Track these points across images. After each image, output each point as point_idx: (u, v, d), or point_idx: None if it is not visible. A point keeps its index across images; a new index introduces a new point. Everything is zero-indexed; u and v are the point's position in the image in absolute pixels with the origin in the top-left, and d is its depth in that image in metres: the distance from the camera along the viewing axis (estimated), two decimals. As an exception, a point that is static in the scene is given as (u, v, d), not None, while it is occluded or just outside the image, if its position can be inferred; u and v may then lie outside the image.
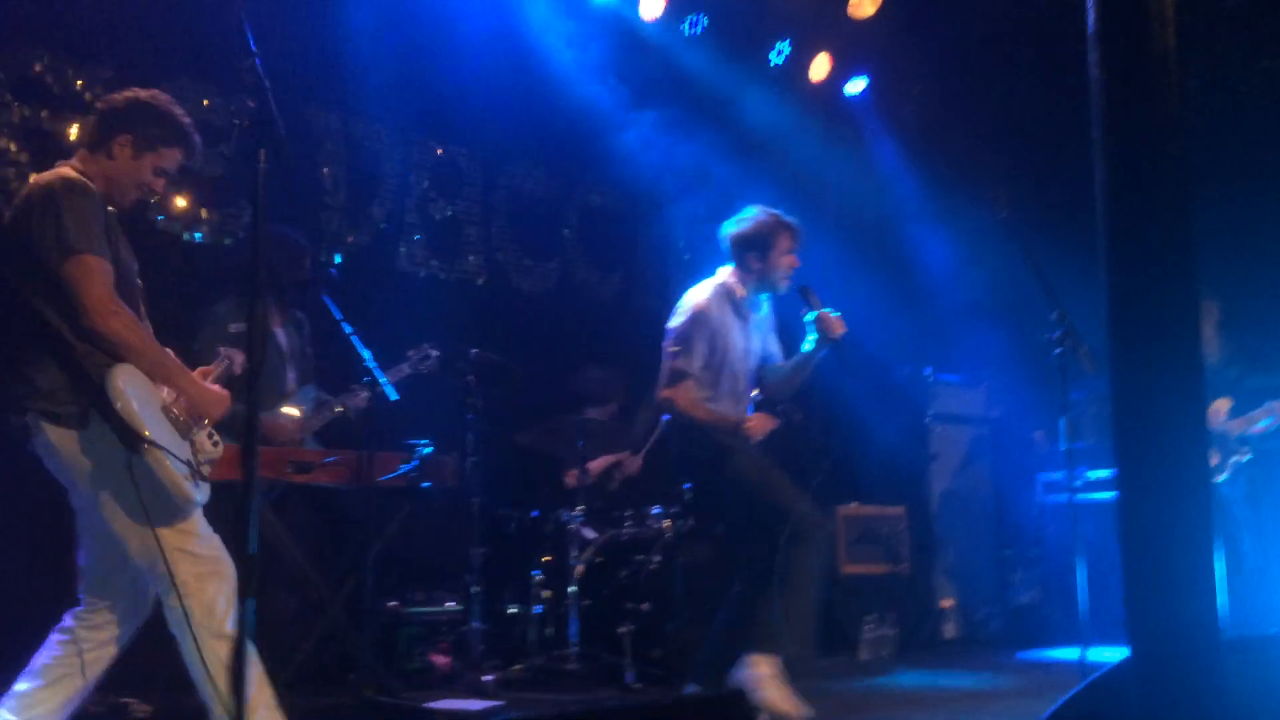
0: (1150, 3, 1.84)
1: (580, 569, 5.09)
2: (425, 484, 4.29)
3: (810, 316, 4.32)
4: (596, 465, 5.84)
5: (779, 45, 7.21)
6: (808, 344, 4.38)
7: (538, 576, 5.22)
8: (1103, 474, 6.02)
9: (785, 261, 4.43)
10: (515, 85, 6.37)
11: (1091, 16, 1.81)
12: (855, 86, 7.56)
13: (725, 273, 4.55)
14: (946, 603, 6.75)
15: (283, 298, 4.58)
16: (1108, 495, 5.74)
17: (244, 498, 1.83)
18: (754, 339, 4.53)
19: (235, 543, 1.86)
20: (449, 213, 6.31)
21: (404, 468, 4.22)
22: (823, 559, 4.19)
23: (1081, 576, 3.80)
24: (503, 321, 6.12)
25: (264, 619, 4.10)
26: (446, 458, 4.40)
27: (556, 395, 5.88)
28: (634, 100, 6.76)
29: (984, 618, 6.78)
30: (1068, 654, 5.07)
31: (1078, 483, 6.17)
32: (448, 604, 5.18)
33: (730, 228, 4.51)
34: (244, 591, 1.81)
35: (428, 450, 4.26)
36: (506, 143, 6.54)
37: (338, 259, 5.49)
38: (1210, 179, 6.17)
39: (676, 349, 4.37)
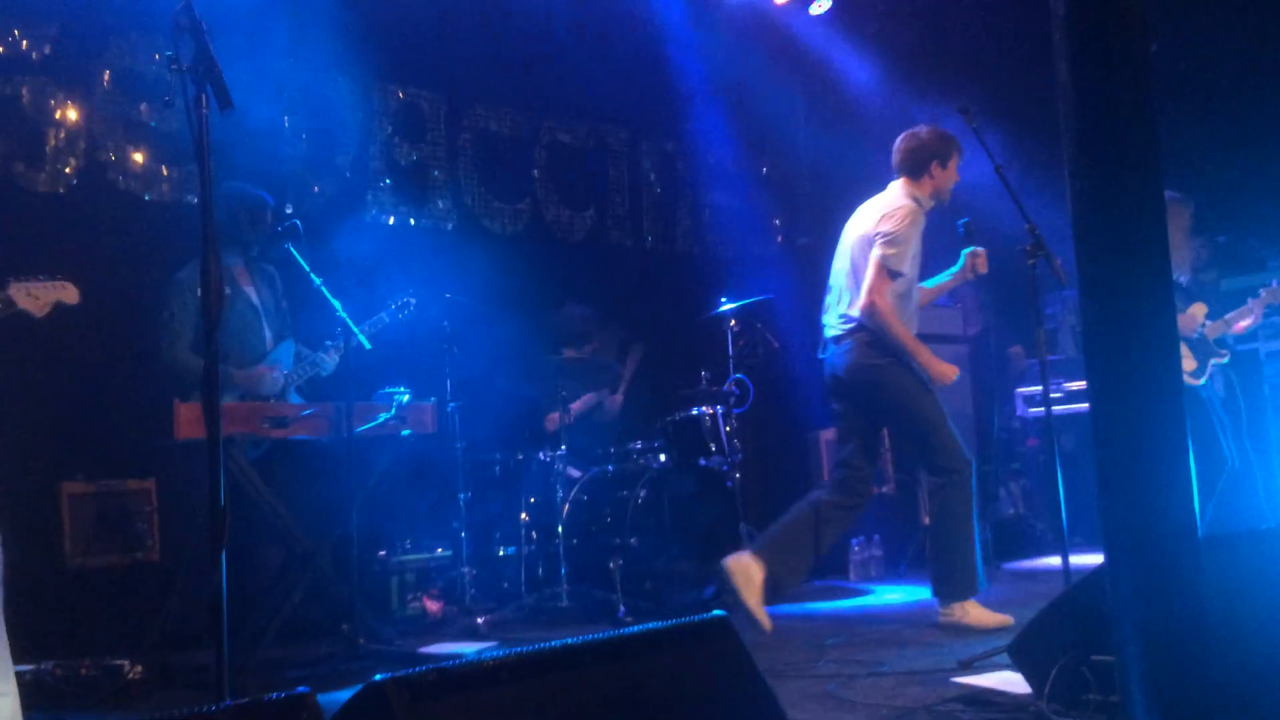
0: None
1: (567, 508, 5.11)
2: (405, 432, 4.28)
3: (967, 250, 4.50)
4: (577, 405, 5.85)
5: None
6: (951, 274, 4.62)
7: (525, 518, 5.25)
8: (1080, 385, 6.05)
9: (955, 177, 4.56)
10: (475, 24, 6.25)
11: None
12: (820, 7, 7.45)
13: (905, 185, 4.54)
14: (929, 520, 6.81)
15: (249, 254, 4.53)
16: (1085, 406, 5.77)
17: (211, 451, 1.81)
18: None
19: (207, 497, 1.85)
20: (414, 158, 6.23)
21: (383, 417, 4.20)
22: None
23: (1061, 486, 3.83)
24: (475, 265, 6.07)
25: (252, 574, 4.15)
26: (425, 404, 4.39)
27: (534, 336, 5.86)
28: (599, 35, 6.66)
29: (969, 533, 6.85)
30: (1052, 563, 5.15)
31: (1055, 395, 6.23)
32: (437, 550, 5.21)
33: (912, 139, 4.55)
34: (217, 544, 1.80)
35: (405, 398, 4.24)
36: (469, 83, 6.43)
37: (289, 209, 5.38)
38: (1176, 79, 6.13)
39: (892, 251, 4.33)
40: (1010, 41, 6.91)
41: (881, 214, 4.43)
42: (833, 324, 4.54)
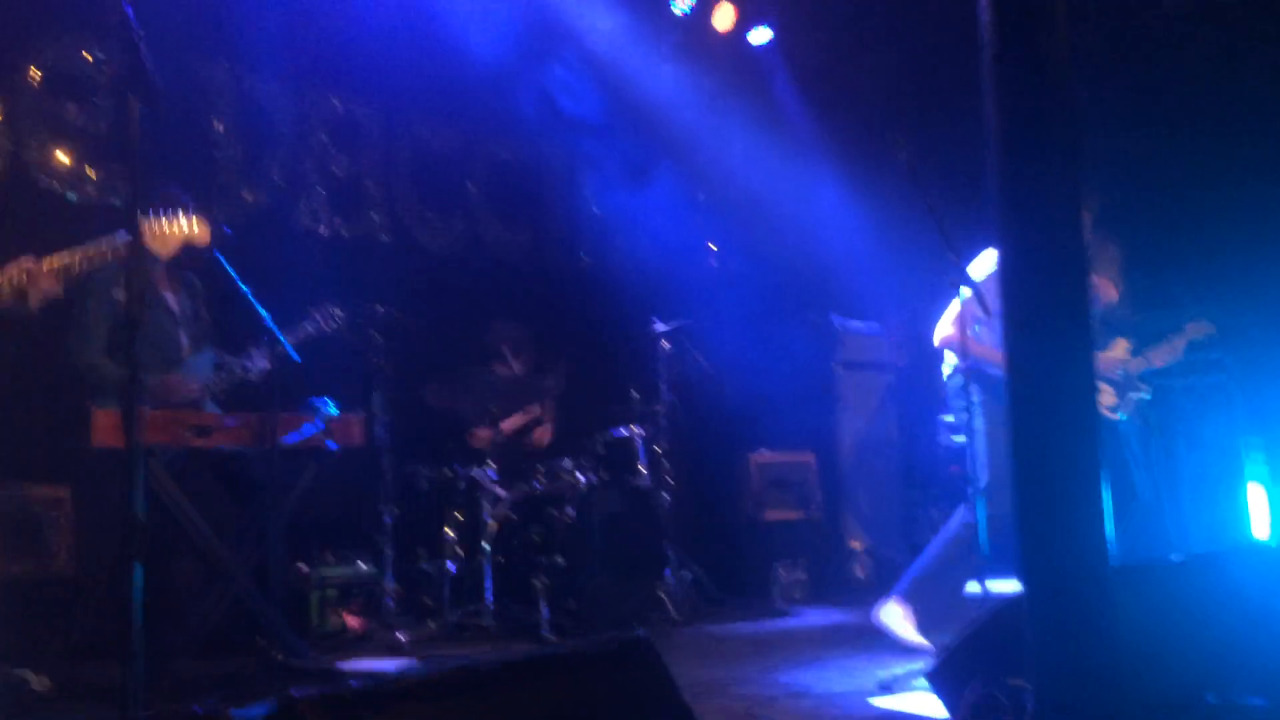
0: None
1: (493, 525, 5.08)
2: (331, 445, 4.22)
3: None
4: (510, 424, 5.82)
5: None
6: None
7: (451, 534, 5.20)
8: (1003, 415, 6.17)
9: None
10: (415, 37, 6.22)
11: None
12: (760, 36, 7.55)
13: None
14: (856, 544, 6.90)
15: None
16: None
17: (129, 460, 1.76)
18: None
19: (123, 507, 1.80)
20: (349, 169, 6.17)
21: (308, 429, 4.14)
22: None
23: (981, 514, 3.91)
24: (408, 280, 6.02)
25: (167, 587, 4.05)
26: (353, 417, 4.33)
27: (464, 352, 5.83)
28: (540, 53, 6.67)
29: (892, 557, 6.95)
30: (972, 589, 5.23)
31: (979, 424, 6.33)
32: (359, 565, 5.14)
33: None
34: (132, 557, 1.76)
35: (332, 410, 4.18)
36: (408, 97, 6.39)
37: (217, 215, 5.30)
38: (1099, 122, 6.32)
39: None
40: (943, 83, 7.07)
41: None
42: None
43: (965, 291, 4.21)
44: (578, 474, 5.44)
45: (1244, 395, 5.68)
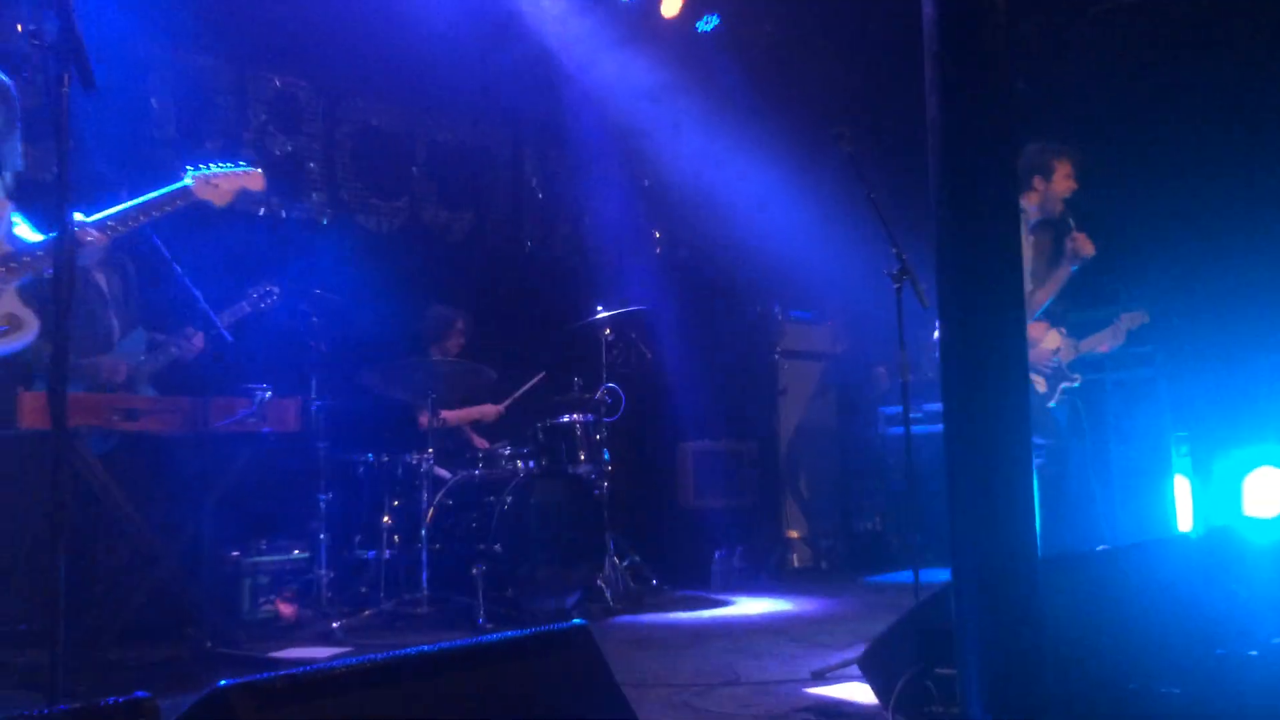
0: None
1: (431, 512, 5.04)
2: (266, 429, 4.16)
3: (1066, 236, 4.71)
4: (454, 416, 5.78)
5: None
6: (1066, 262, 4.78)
7: (387, 521, 5.15)
8: (939, 406, 6.25)
9: (1065, 186, 4.73)
10: (357, 17, 6.13)
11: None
12: (707, 23, 7.56)
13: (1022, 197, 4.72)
14: (794, 533, 6.96)
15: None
16: (942, 427, 5.97)
17: (56, 443, 1.72)
18: None
19: (50, 492, 1.76)
20: (289, 148, 6.07)
21: (243, 413, 4.07)
22: None
23: (915, 503, 3.96)
24: (348, 261, 5.94)
25: (94, 572, 3.97)
26: (288, 401, 4.27)
27: (403, 336, 5.77)
28: (485, 35, 6.61)
29: (828, 546, 7.04)
30: (906, 577, 5.31)
31: (916, 415, 6.43)
32: (294, 552, 5.07)
33: (1022, 155, 4.73)
34: (56, 540, 1.72)
35: (267, 394, 4.12)
36: (350, 76, 6.30)
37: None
38: (1040, 120, 6.42)
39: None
40: (887, 75, 7.13)
41: None
42: None
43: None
44: (517, 461, 5.43)
45: (1172, 390, 5.82)
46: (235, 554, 4.83)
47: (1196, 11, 6.39)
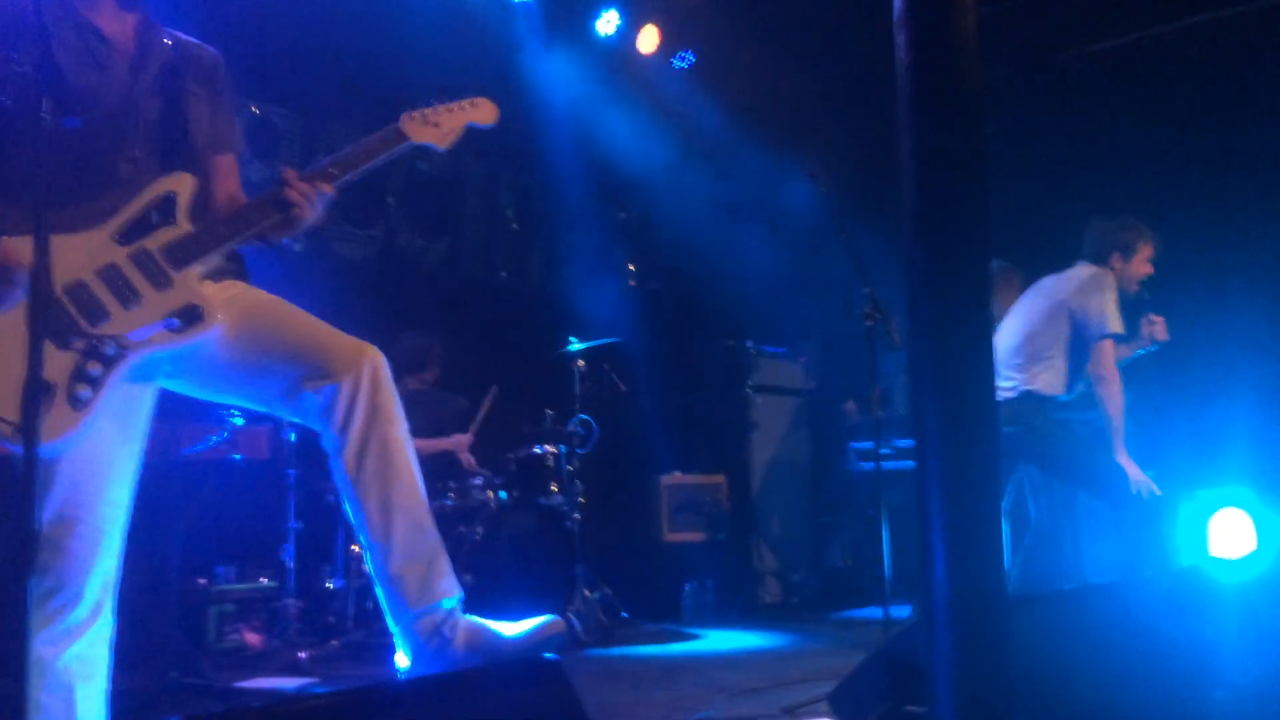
0: (951, -10, 1.92)
1: (401, 542, 5.00)
2: (236, 456, 4.13)
3: (1143, 318, 4.83)
4: (424, 447, 5.75)
5: (608, 16, 7.23)
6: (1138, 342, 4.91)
7: (356, 550, 5.11)
8: (909, 443, 6.29)
9: (1143, 270, 4.81)
10: (334, 45, 6.15)
11: (898, 1, 1.88)
12: (683, 60, 7.64)
13: (1090, 266, 4.83)
14: (764, 567, 6.96)
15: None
16: (912, 463, 6.00)
17: (26, 466, 1.70)
18: None
19: (17, 517, 1.73)
20: (265, 174, 6.05)
21: (213, 440, 4.05)
22: None
23: (886, 540, 3.98)
24: (322, 289, 5.91)
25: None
26: (259, 429, 4.25)
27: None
28: (463, 65, 6.64)
29: (799, 581, 7.04)
30: (876, 613, 5.32)
31: (886, 450, 6.46)
32: (261, 580, 5.02)
33: (1099, 227, 4.84)
34: (26, 570, 1.69)
35: (238, 421, 4.09)
36: (326, 103, 6.31)
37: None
38: (1009, 161, 6.52)
39: (1115, 329, 4.65)
40: (861, 112, 7.23)
41: None
42: None
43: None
44: (489, 491, 5.41)
45: (1139, 431, 5.88)
46: (202, 581, 4.78)
47: (1164, 59, 6.53)
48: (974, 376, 2.14)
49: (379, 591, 2.47)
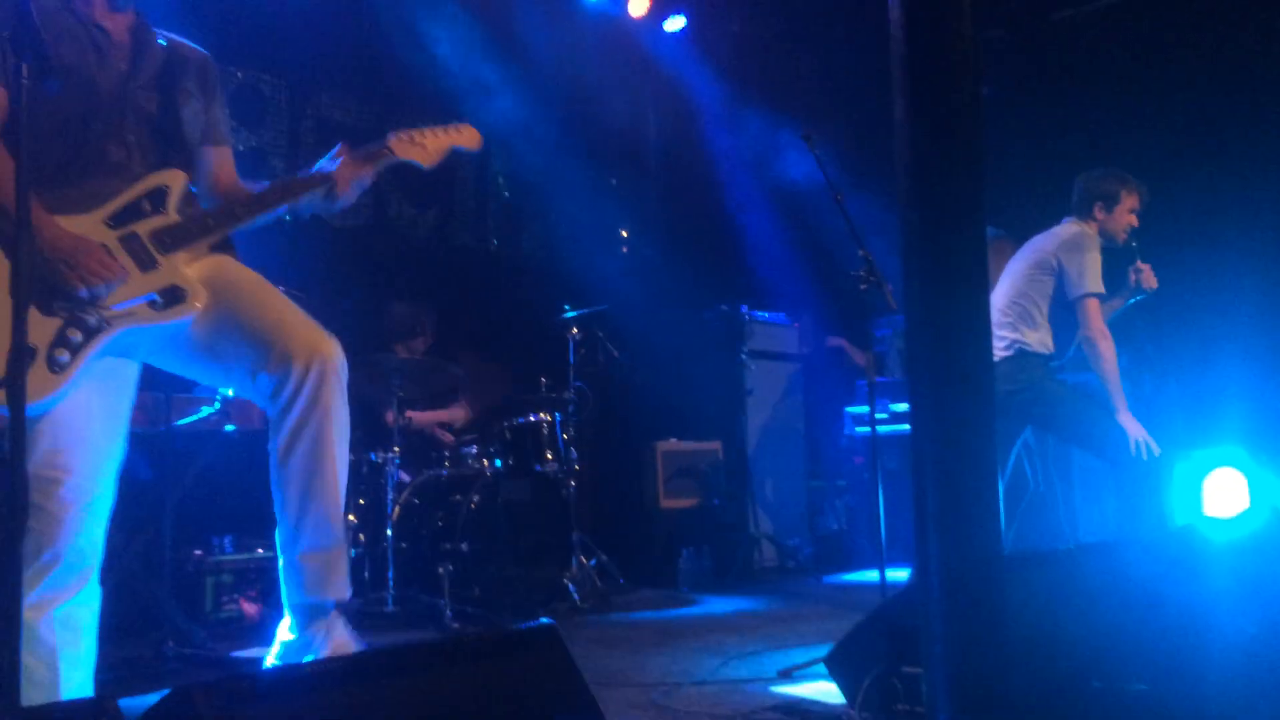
0: (945, -54, 1.89)
1: (397, 510, 5.01)
2: (229, 428, 4.12)
3: (1130, 266, 4.78)
4: (423, 418, 5.74)
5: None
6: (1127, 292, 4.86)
7: (352, 519, 5.11)
8: (905, 407, 6.30)
9: (1127, 220, 4.74)
10: (322, 9, 6.09)
11: (891, -41, 1.86)
12: (674, 24, 7.57)
13: (1075, 222, 4.78)
14: (760, 532, 6.98)
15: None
16: (908, 427, 6.01)
17: (14, 438, 1.69)
18: None
19: (9, 486, 1.72)
20: (252, 143, 6.01)
21: (205, 410, 4.04)
22: None
23: (880, 503, 3.99)
24: (312, 257, 5.89)
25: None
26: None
27: (368, 333, 5.73)
28: (449, 33, 6.58)
29: (795, 546, 7.06)
30: (872, 576, 5.35)
31: (881, 415, 6.47)
32: (258, 550, 5.02)
33: (1083, 179, 4.79)
34: (15, 539, 1.68)
35: (230, 392, 4.08)
36: (314, 70, 6.25)
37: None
38: (1005, 124, 6.49)
39: (1095, 289, 4.61)
40: (855, 75, 7.18)
41: None
42: None
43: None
44: (484, 460, 5.40)
45: (1133, 393, 5.89)
46: (198, 553, 4.78)
47: (1161, 17, 6.48)
48: (970, 340, 2.13)
49: (280, 566, 2.65)
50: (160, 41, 2.65)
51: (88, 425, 2.36)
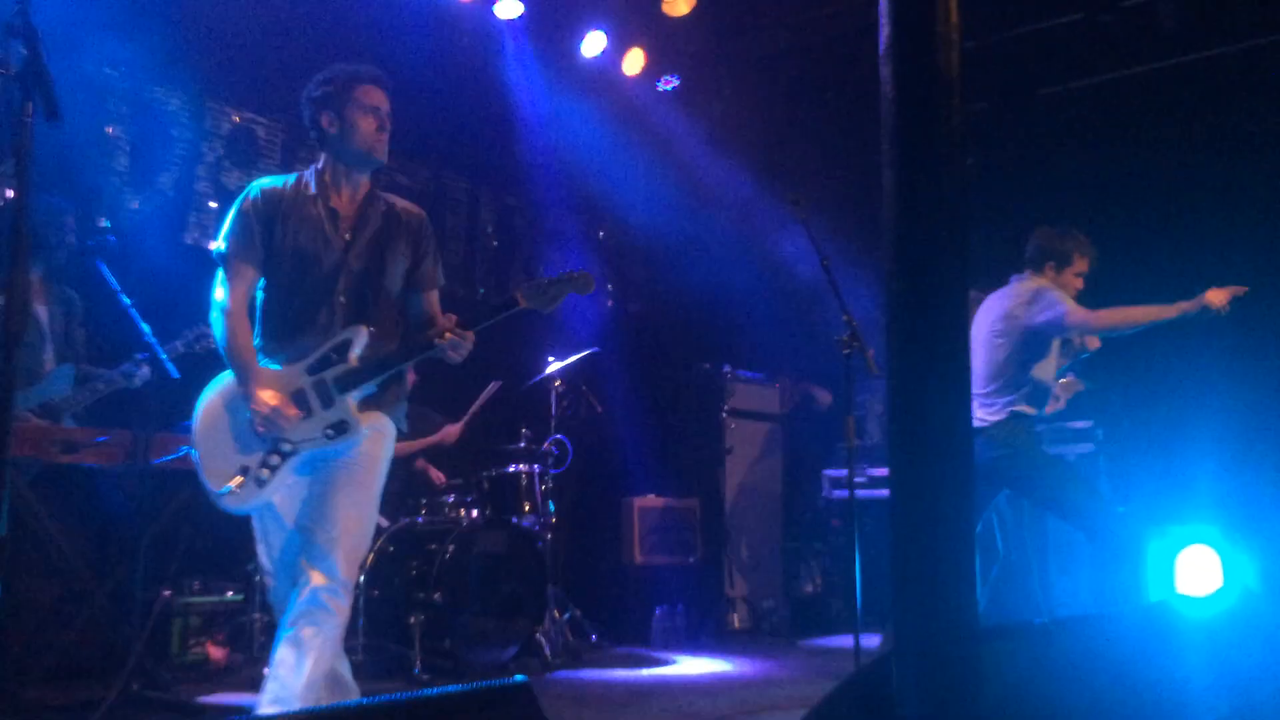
0: (937, 27, 1.94)
1: (370, 557, 4.97)
2: (207, 467, 4.08)
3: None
4: (412, 446, 5.72)
5: (594, 37, 7.26)
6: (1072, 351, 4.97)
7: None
8: (884, 471, 6.32)
9: (1076, 283, 4.81)
10: (317, 55, 6.13)
11: (884, 36, 1.90)
12: (667, 83, 7.68)
13: (1032, 276, 4.83)
14: (735, 593, 6.95)
15: (48, 267, 4.29)
16: (886, 492, 6.01)
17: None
18: None
19: None
20: (243, 184, 6.02)
21: (184, 449, 4.00)
22: None
23: (857, 568, 3.98)
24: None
25: (20, 606, 3.85)
26: (231, 440, 4.19)
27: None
28: (447, 83, 6.65)
29: (770, 608, 7.03)
30: (847, 641, 5.32)
31: (860, 479, 6.48)
32: (227, 593, 4.96)
33: (1040, 235, 4.86)
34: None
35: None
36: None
37: (104, 223, 5.11)
38: (990, 193, 6.59)
39: (1069, 305, 4.62)
40: (843, 142, 7.29)
41: None
42: None
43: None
44: (460, 509, 5.38)
45: (1111, 467, 5.93)
46: (167, 592, 4.72)
47: (1143, 97, 6.62)
48: (950, 408, 2.15)
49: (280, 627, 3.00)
50: (382, 207, 3.21)
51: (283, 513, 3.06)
